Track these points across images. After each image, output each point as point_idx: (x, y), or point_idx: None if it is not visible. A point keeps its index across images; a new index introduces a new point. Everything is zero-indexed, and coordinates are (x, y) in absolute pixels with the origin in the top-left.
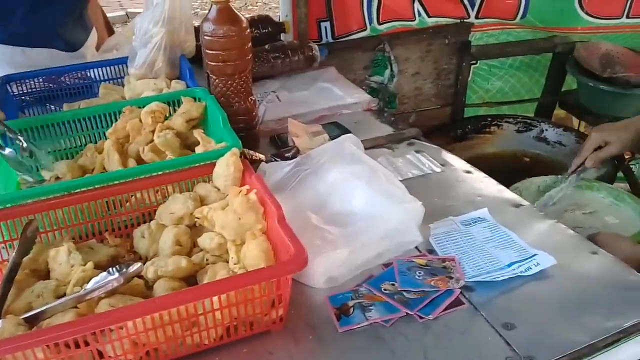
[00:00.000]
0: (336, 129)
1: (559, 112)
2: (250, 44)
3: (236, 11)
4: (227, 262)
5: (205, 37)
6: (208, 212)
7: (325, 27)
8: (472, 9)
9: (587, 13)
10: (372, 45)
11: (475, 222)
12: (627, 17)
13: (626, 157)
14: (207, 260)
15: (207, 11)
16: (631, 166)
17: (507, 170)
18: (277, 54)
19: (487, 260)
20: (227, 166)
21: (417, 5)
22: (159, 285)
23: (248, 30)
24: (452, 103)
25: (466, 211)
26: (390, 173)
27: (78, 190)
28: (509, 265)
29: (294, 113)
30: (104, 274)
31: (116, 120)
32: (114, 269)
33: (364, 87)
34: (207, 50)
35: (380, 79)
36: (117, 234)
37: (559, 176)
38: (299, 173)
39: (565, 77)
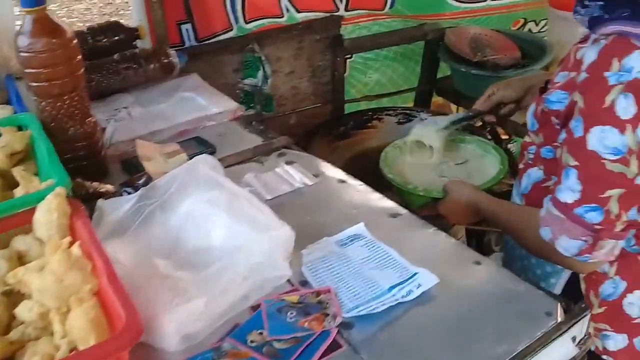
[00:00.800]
0: (198, 146)
1: (436, 100)
2: (79, 56)
3: (56, 20)
4: (53, 335)
5: (22, 54)
6: (23, 275)
7: (187, 30)
8: (341, 2)
9: None
10: (240, 46)
11: (352, 240)
12: None
13: (504, 138)
14: (29, 335)
15: None
16: (510, 148)
17: None
18: (128, 64)
19: (366, 286)
20: (48, 211)
21: (284, 0)
22: None
23: (75, 41)
24: (331, 100)
25: (342, 228)
26: (254, 197)
27: None
28: (389, 290)
29: (150, 130)
30: None
31: None
32: None
33: (237, 91)
34: (26, 70)
35: (254, 82)
36: None
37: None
38: (143, 208)
39: (439, 64)
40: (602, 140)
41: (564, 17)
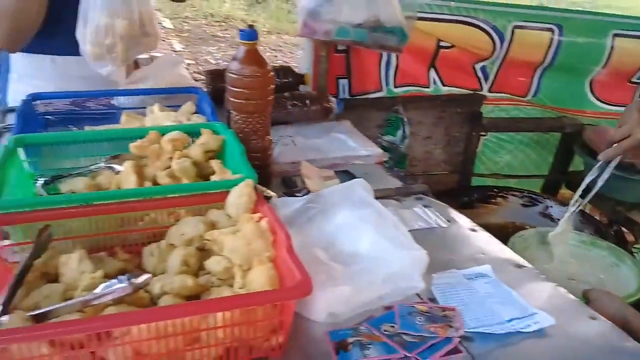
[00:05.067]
0: (347, 177)
1: (565, 192)
2: (272, 86)
3: (262, 54)
4: (232, 286)
5: (231, 75)
6: (218, 235)
7: (343, 85)
8: (486, 83)
9: (597, 98)
10: (386, 105)
11: (478, 277)
12: None
13: (630, 240)
14: (212, 283)
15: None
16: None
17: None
18: (295, 102)
19: (488, 314)
20: (240, 196)
21: (433, 73)
22: (163, 301)
23: (272, 73)
24: (460, 170)
25: (469, 265)
26: (397, 220)
27: (93, 203)
28: (509, 321)
29: (307, 158)
30: (114, 280)
31: None
32: (124, 277)
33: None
34: (231, 88)
35: (392, 139)
36: (128, 250)
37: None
38: (308, 210)
39: (573, 157)
40: None
41: None
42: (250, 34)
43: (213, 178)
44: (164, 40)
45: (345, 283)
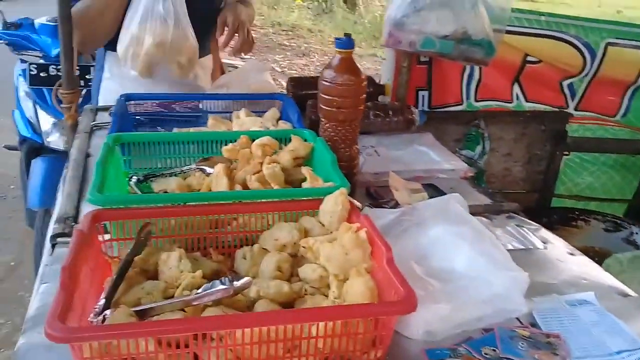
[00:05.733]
0: (433, 192)
1: None
2: (364, 95)
3: (357, 64)
4: (326, 295)
5: (324, 83)
6: (314, 243)
7: (423, 96)
8: (572, 100)
9: None
10: (467, 119)
11: (581, 304)
12: None
13: None
14: (306, 290)
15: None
16: None
17: None
18: (377, 112)
19: (594, 343)
20: (335, 204)
21: (516, 88)
22: (259, 305)
23: (365, 83)
24: (540, 190)
25: (570, 292)
26: (495, 238)
27: (188, 203)
28: (618, 353)
29: (391, 169)
30: (216, 281)
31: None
32: (226, 279)
33: None
34: (323, 95)
35: (471, 154)
36: (220, 251)
37: None
38: (403, 222)
39: None
40: None
41: None
42: (346, 42)
43: (304, 185)
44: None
45: (444, 301)
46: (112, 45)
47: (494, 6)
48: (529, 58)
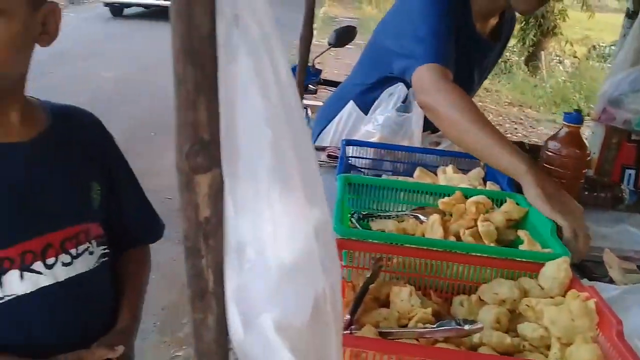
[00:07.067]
0: None
1: None
2: (585, 171)
3: (584, 139)
4: (545, 355)
5: (548, 153)
6: (537, 304)
7: (630, 174)
8: None
9: None
10: None
11: None
12: None
13: None
14: (523, 346)
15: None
16: None
17: None
18: (585, 185)
19: None
20: (558, 270)
21: None
22: (482, 350)
23: (589, 158)
24: None
25: None
26: None
27: (414, 245)
28: None
29: (597, 245)
30: (452, 321)
31: (429, 201)
32: (460, 320)
33: None
34: (545, 165)
35: None
36: (438, 294)
37: None
38: (624, 300)
39: None
40: None
41: None
42: (575, 117)
43: (522, 247)
44: None
45: None
46: None
47: None
48: None
